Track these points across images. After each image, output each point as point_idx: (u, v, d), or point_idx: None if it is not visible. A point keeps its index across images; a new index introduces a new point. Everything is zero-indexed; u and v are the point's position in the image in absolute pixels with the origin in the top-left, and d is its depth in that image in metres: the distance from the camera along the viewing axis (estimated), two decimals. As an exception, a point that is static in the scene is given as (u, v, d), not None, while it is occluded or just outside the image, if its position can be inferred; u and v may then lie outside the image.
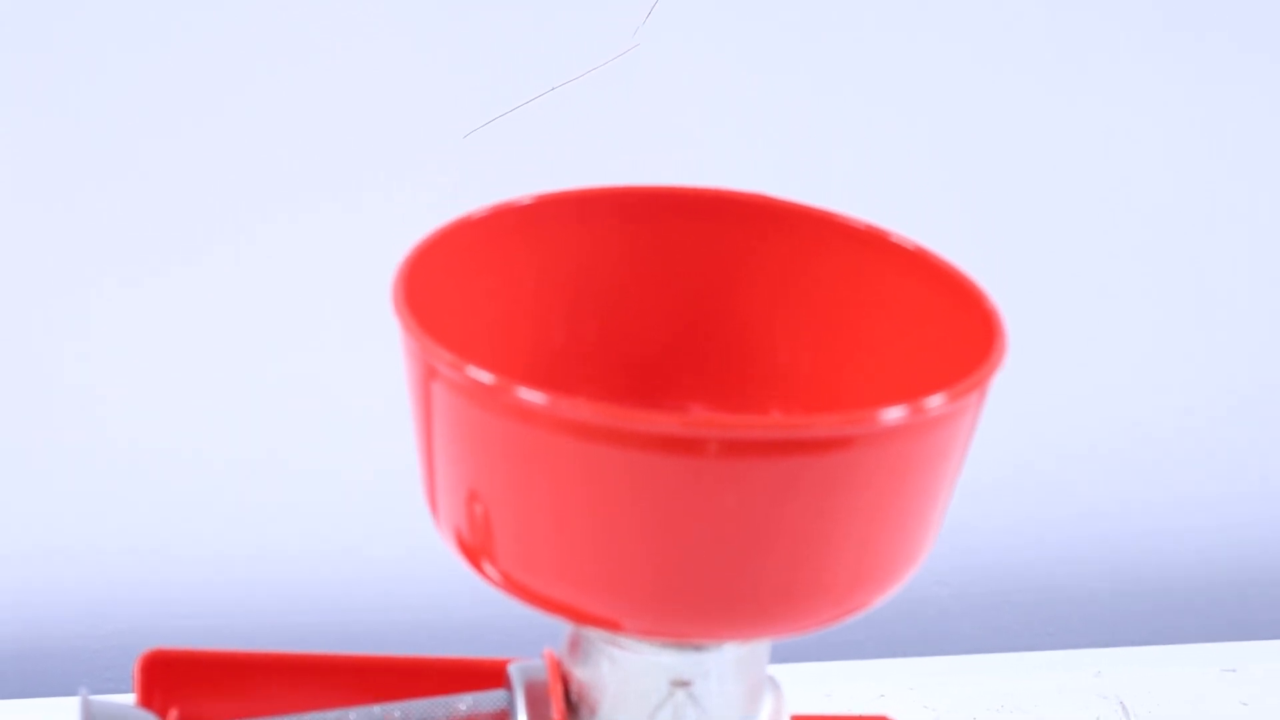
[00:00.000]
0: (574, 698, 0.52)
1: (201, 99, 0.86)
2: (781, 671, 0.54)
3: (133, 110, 0.86)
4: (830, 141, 0.91)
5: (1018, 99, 0.92)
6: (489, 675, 0.56)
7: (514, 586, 0.46)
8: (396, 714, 0.53)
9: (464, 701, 0.54)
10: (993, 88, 0.91)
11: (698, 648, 0.49)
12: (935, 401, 0.44)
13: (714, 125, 0.90)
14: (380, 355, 0.69)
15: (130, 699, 0.54)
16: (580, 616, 0.46)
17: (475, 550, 0.47)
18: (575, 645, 0.52)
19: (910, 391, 0.46)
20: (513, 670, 0.54)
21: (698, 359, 0.57)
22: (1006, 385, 0.52)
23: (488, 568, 0.47)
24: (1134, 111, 0.93)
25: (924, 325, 0.52)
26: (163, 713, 0.55)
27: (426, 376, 0.45)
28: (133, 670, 0.55)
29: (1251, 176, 0.95)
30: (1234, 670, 0.94)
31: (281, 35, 0.86)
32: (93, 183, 0.87)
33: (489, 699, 0.54)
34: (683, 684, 0.50)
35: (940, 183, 0.92)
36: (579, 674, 0.52)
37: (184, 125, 0.87)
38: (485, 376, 0.43)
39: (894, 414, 0.43)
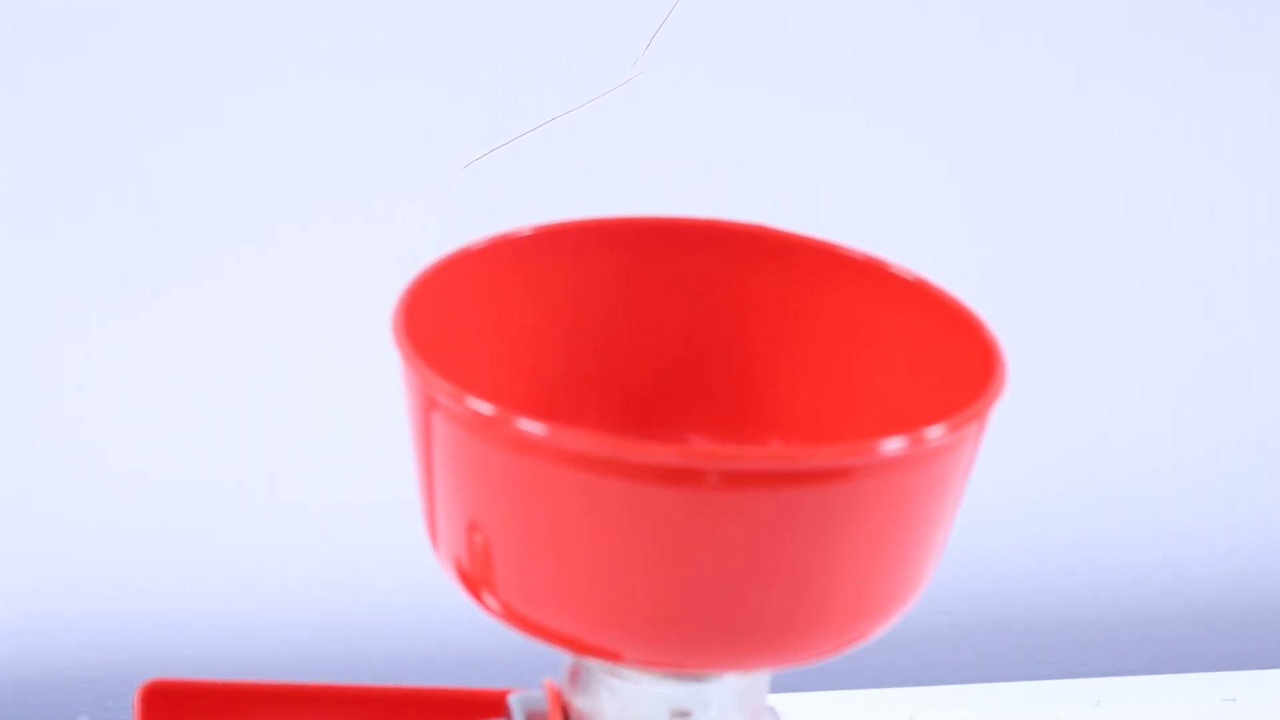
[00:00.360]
0: None
1: (203, 123, 0.87)
2: (782, 701, 0.54)
3: (132, 135, 0.86)
4: (829, 172, 0.91)
5: (1018, 133, 0.92)
6: (489, 705, 0.56)
7: (514, 617, 0.46)
8: (396, 744, 0.53)
9: (464, 732, 0.54)
10: (993, 121, 0.92)
11: (698, 678, 0.49)
12: (935, 433, 0.44)
13: (713, 155, 0.90)
14: (380, 382, 0.69)
15: (130, 729, 0.54)
16: (580, 647, 0.46)
17: (475, 580, 0.47)
18: (575, 675, 0.52)
19: (910, 422, 0.46)
20: (512, 700, 0.54)
21: (697, 390, 0.57)
22: (1006, 415, 0.52)
23: (487, 598, 0.47)
24: (1137, 142, 0.93)
25: (924, 356, 0.52)
26: (162, 743, 0.55)
27: (426, 407, 0.46)
28: (133, 700, 0.55)
29: (1253, 211, 0.95)
30: (1234, 700, 0.94)
31: (284, 61, 0.86)
32: (90, 206, 0.87)
33: (489, 729, 0.54)
34: (683, 715, 0.50)
35: (941, 214, 0.93)
36: (579, 704, 0.52)
37: (184, 149, 0.87)
38: (485, 407, 0.43)
39: (894, 445, 0.43)
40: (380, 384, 0.69)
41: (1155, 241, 0.95)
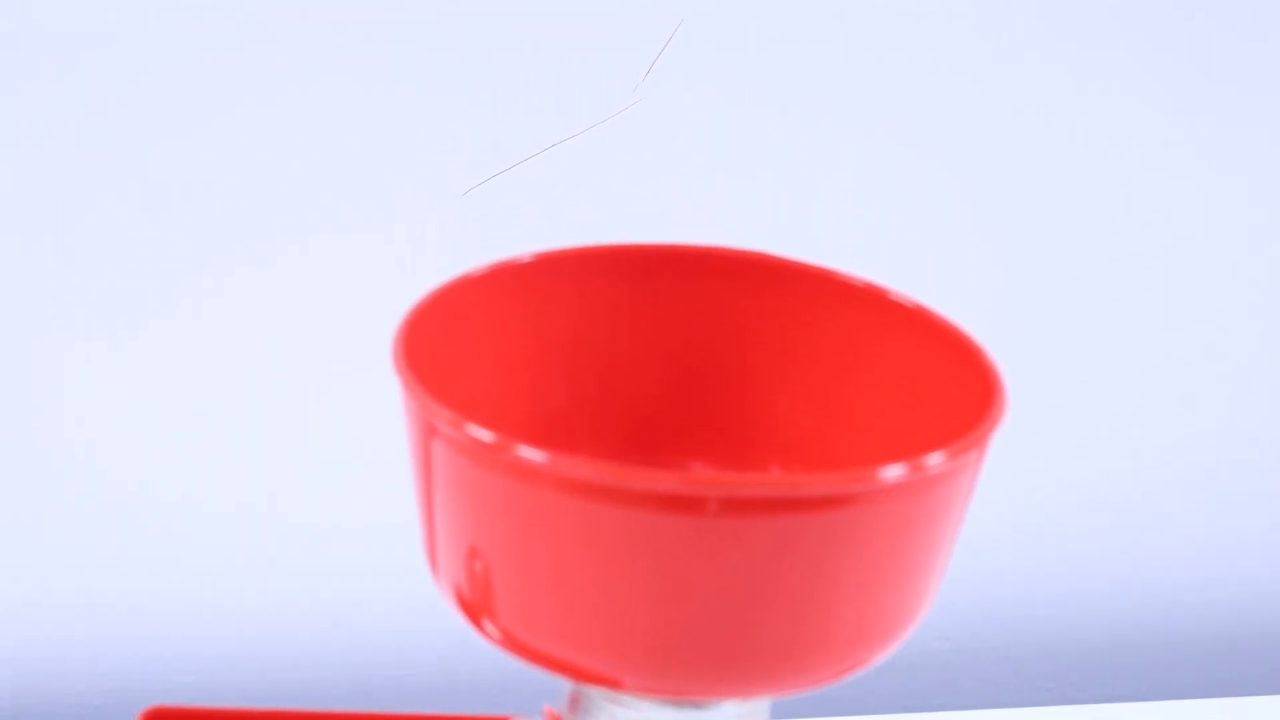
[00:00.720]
0: None
1: (198, 146, 0.87)
2: (782, 729, 0.54)
3: (130, 150, 0.86)
4: (830, 198, 0.91)
5: (1019, 158, 0.92)
6: (489, 732, 0.56)
7: (514, 644, 0.46)
8: (396, 771, 0.53)
9: (464, 759, 0.54)
10: (995, 145, 0.92)
11: (698, 705, 0.49)
12: (935, 460, 0.44)
13: (714, 181, 0.90)
14: (381, 406, 0.69)
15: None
16: (580, 674, 0.46)
17: (475, 607, 0.47)
18: (575, 702, 0.52)
19: (910, 449, 0.46)
20: None
21: (697, 416, 0.57)
22: (1006, 440, 0.52)
23: (487, 625, 0.47)
24: (1137, 165, 0.93)
25: (923, 382, 0.52)
26: (162, 769, 0.55)
27: (426, 434, 0.46)
28: (133, 726, 0.55)
29: (1258, 231, 0.95)
30: (1236, 726, 0.94)
31: (287, 82, 0.86)
32: (91, 223, 0.87)
33: (489, 756, 0.54)
34: None
35: (941, 240, 0.93)
36: None
37: (182, 169, 0.87)
38: (484, 434, 0.43)
39: (894, 472, 0.43)
40: (381, 407, 0.69)
41: (1156, 265, 0.95)
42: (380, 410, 0.71)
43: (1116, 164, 0.93)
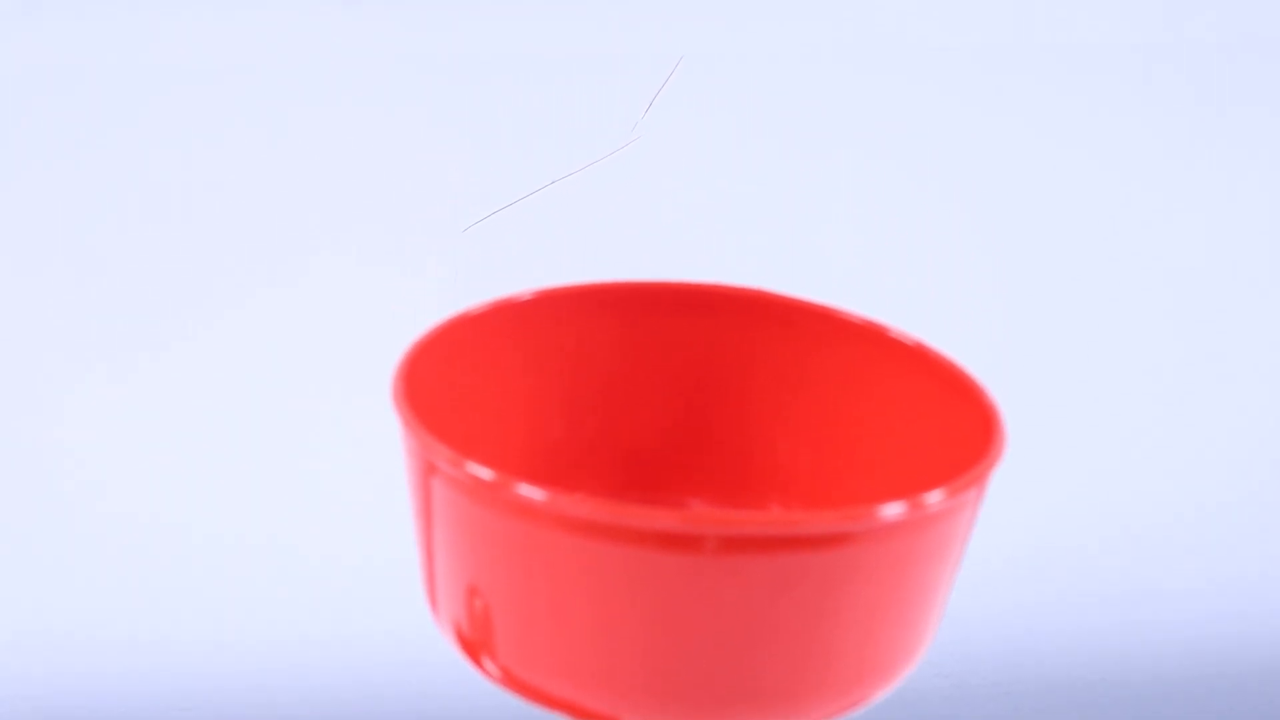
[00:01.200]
0: None
1: (200, 182, 0.87)
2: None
3: (138, 189, 0.86)
4: (829, 237, 0.91)
5: (1016, 196, 0.92)
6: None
7: (513, 682, 0.46)
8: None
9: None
10: (992, 182, 0.92)
11: None
12: (934, 498, 0.44)
13: (713, 218, 0.90)
14: (380, 444, 0.69)
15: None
16: (580, 712, 0.46)
17: (475, 645, 0.47)
18: None
19: (910, 486, 0.46)
20: None
21: (696, 453, 0.57)
22: (1005, 477, 0.52)
23: (487, 663, 0.47)
24: (1136, 203, 0.93)
25: (923, 420, 0.52)
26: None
27: (426, 472, 0.46)
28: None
29: (1257, 268, 0.95)
30: (1236, 762, 0.94)
31: (289, 120, 0.86)
32: (91, 257, 0.88)
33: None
34: None
35: (941, 279, 0.93)
36: None
37: (187, 206, 0.87)
38: (484, 472, 0.43)
39: (893, 510, 0.43)
40: (380, 446, 0.69)
41: (1159, 302, 0.95)
42: (378, 445, 0.71)
43: (1118, 199, 0.93)
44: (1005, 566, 1.00)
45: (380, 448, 0.70)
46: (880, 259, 0.92)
